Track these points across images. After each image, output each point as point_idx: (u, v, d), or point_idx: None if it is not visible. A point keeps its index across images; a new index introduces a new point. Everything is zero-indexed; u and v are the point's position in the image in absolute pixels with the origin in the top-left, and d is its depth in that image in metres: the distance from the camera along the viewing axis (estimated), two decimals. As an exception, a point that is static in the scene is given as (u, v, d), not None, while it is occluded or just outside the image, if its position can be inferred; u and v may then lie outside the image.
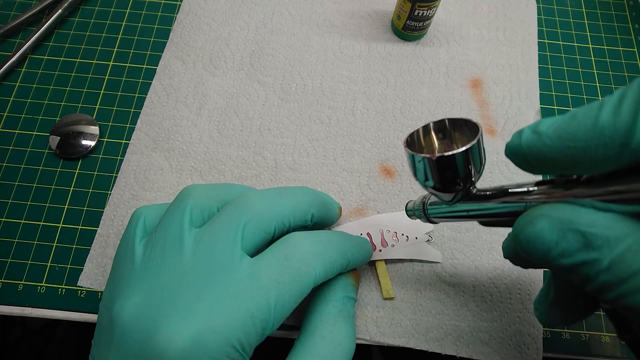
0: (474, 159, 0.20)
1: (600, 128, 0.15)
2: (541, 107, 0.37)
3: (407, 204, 0.27)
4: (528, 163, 0.18)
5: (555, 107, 0.37)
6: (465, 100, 0.37)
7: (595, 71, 0.39)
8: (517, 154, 0.18)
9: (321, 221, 0.28)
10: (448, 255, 0.31)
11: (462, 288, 0.31)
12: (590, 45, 0.40)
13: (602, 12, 0.42)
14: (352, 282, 0.27)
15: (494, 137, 0.35)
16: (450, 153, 0.19)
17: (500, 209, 0.21)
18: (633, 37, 0.40)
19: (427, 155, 0.20)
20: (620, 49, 0.40)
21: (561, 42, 0.40)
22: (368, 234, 0.30)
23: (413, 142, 0.23)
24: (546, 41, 0.40)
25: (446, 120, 0.22)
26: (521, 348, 0.29)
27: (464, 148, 0.19)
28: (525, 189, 0.20)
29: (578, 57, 0.40)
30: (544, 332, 0.30)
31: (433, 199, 0.25)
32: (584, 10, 0.42)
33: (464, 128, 0.22)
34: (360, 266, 0.30)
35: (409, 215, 0.27)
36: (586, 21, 0.41)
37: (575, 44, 0.40)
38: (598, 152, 0.15)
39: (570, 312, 0.21)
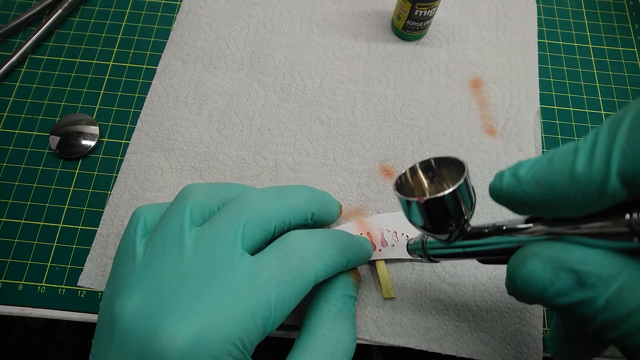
0: (463, 197, 0.20)
1: (577, 177, 0.15)
2: (541, 107, 0.37)
3: (407, 243, 0.27)
4: (510, 206, 0.18)
5: (555, 107, 0.37)
6: (465, 100, 0.37)
7: (595, 71, 0.39)
8: (499, 197, 0.18)
9: (321, 220, 0.28)
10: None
11: (462, 288, 0.31)
12: (590, 45, 0.40)
13: (602, 12, 0.42)
14: (352, 281, 0.27)
15: (494, 137, 0.35)
16: (438, 195, 0.19)
17: (494, 247, 0.21)
18: (633, 37, 0.40)
19: (415, 199, 0.20)
20: (620, 49, 0.40)
21: (561, 42, 0.40)
22: (368, 233, 0.30)
23: (402, 185, 0.23)
24: (546, 41, 0.40)
25: (432, 160, 0.22)
26: (521, 348, 0.29)
27: (451, 189, 0.19)
28: (516, 226, 0.19)
29: (578, 57, 0.40)
30: (544, 332, 0.30)
31: (431, 238, 0.25)
32: (584, 10, 0.42)
33: (451, 165, 0.22)
34: (360, 266, 0.30)
35: (409, 253, 0.27)
36: (586, 21, 0.41)
37: (575, 44, 0.40)
38: (577, 199, 0.15)
39: (584, 348, 0.20)
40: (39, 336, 0.72)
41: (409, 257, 0.31)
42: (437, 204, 0.19)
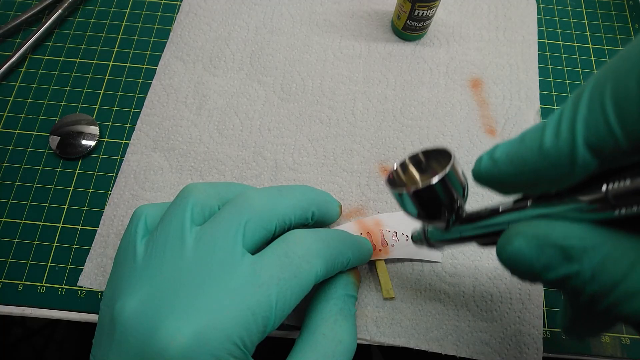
0: (453, 184, 0.20)
1: (546, 151, 0.16)
2: (541, 107, 0.37)
3: (412, 233, 0.28)
4: (491, 187, 0.19)
5: (555, 107, 0.37)
6: (465, 100, 0.37)
7: (595, 71, 0.39)
8: (480, 180, 0.19)
9: (322, 219, 0.28)
10: (448, 255, 0.31)
11: (462, 288, 0.31)
12: (590, 45, 0.40)
13: (602, 12, 0.42)
14: (352, 280, 0.27)
15: (494, 137, 0.35)
16: (425, 184, 0.20)
17: (486, 229, 0.21)
18: (633, 37, 0.40)
19: (404, 190, 0.20)
20: (620, 49, 0.40)
21: (561, 42, 0.40)
22: (368, 233, 0.30)
23: (394, 180, 0.23)
24: (546, 41, 0.40)
25: (420, 154, 0.23)
26: (521, 348, 0.29)
27: (438, 177, 0.19)
28: (505, 208, 0.20)
29: (578, 57, 0.40)
30: (544, 332, 0.30)
31: (431, 227, 0.25)
32: (584, 10, 0.42)
33: (440, 157, 0.22)
34: (361, 266, 0.30)
35: (414, 242, 0.28)
36: (586, 21, 0.41)
37: (575, 44, 0.40)
38: (550, 173, 0.16)
39: (592, 323, 0.20)
40: (39, 336, 0.72)
41: (409, 257, 0.31)
42: (427, 192, 0.20)
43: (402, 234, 0.31)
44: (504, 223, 0.20)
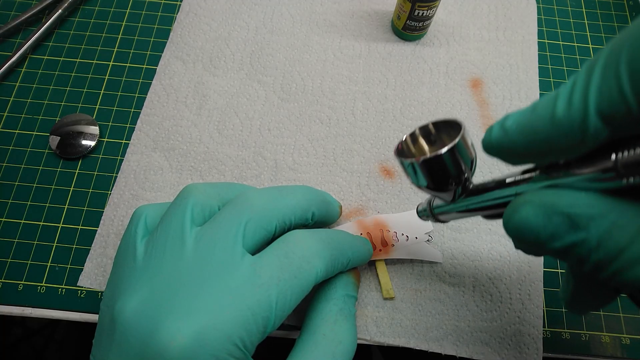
0: (462, 155, 0.20)
1: (558, 120, 0.15)
2: (541, 107, 0.37)
3: (417, 206, 0.28)
4: (501, 157, 0.19)
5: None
6: (465, 100, 0.37)
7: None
8: (490, 149, 0.19)
9: (322, 220, 0.28)
10: (448, 255, 0.31)
11: (462, 288, 0.31)
12: (590, 45, 0.40)
13: (602, 12, 0.42)
14: (352, 281, 0.27)
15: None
16: (434, 154, 0.20)
17: (493, 201, 0.21)
18: (633, 37, 0.40)
19: (414, 160, 0.20)
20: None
21: (561, 42, 0.40)
22: (368, 233, 0.30)
23: (403, 150, 0.23)
24: (546, 41, 0.40)
25: (430, 125, 0.23)
26: (521, 348, 0.29)
27: (447, 147, 0.19)
28: (513, 179, 0.20)
29: (578, 57, 0.40)
30: (544, 332, 0.30)
31: (437, 200, 0.25)
32: (584, 10, 0.42)
33: (449, 129, 0.22)
34: (361, 266, 0.30)
35: (419, 217, 0.27)
36: (586, 21, 0.41)
37: (575, 44, 0.40)
38: (561, 142, 0.16)
39: (594, 296, 0.21)
40: (39, 336, 0.72)
41: (409, 257, 0.31)
42: (436, 162, 0.20)
43: (402, 234, 0.31)
44: (511, 195, 0.20)
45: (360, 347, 0.26)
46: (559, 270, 0.32)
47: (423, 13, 0.35)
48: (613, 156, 0.15)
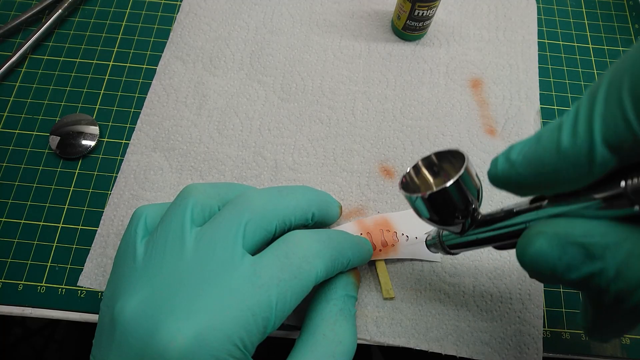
0: (468, 186, 0.20)
1: (564, 151, 0.15)
2: (541, 107, 0.37)
3: (426, 238, 0.28)
4: (509, 189, 0.18)
5: (555, 107, 0.37)
6: (465, 100, 0.37)
7: (595, 71, 0.39)
8: (497, 182, 0.18)
9: (322, 220, 0.28)
10: (448, 255, 0.31)
11: (462, 288, 0.31)
12: (590, 45, 0.40)
13: (602, 12, 0.42)
14: (352, 281, 0.27)
15: (494, 137, 0.35)
16: (439, 188, 0.19)
17: (504, 230, 0.21)
18: (633, 37, 0.40)
19: (419, 194, 0.20)
20: (620, 49, 0.40)
21: (561, 42, 0.40)
22: (368, 233, 0.30)
23: (408, 183, 0.23)
24: (546, 41, 0.40)
25: (432, 156, 0.23)
26: (521, 348, 0.29)
27: (452, 180, 0.19)
28: (522, 207, 0.20)
29: (578, 57, 0.40)
30: (544, 332, 0.30)
31: (446, 232, 0.25)
32: (584, 10, 0.42)
33: (452, 158, 0.22)
34: (361, 266, 0.30)
35: (428, 248, 0.27)
36: (586, 21, 0.41)
37: (575, 44, 0.40)
38: (569, 172, 0.16)
39: (615, 323, 0.20)
40: (39, 336, 0.72)
41: (409, 257, 0.31)
42: (442, 196, 0.20)
43: (402, 234, 0.31)
44: (521, 223, 0.20)
45: (360, 347, 0.26)
46: (559, 270, 0.32)
47: (423, 13, 0.35)
48: (622, 183, 0.15)
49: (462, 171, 0.19)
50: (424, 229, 0.31)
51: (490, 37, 0.39)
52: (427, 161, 0.23)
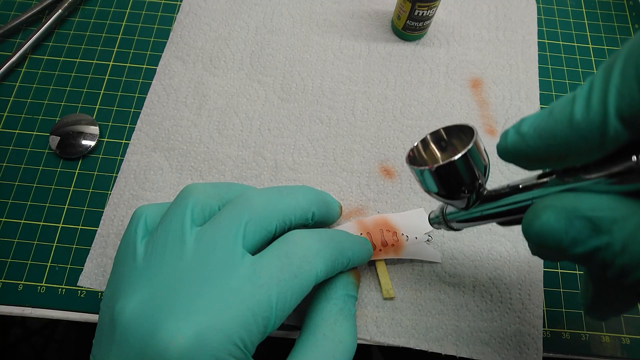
0: (475, 161, 0.20)
1: (577, 124, 0.15)
2: (541, 107, 0.37)
3: (429, 215, 0.27)
4: (518, 162, 0.18)
5: (555, 107, 0.37)
6: (465, 100, 0.37)
7: (595, 71, 0.39)
8: (506, 155, 0.18)
9: (322, 220, 0.28)
10: (448, 255, 0.31)
11: (462, 288, 0.31)
12: (590, 45, 0.40)
13: (602, 12, 0.42)
14: (353, 280, 0.27)
15: (494, 137, 0.35)
16: (447, 161, 0.19)
17: (509, 207, 0.21)
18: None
19: (426, 167, 0.20)
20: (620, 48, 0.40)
21: (561, 42, 0.40)
22: (368, 233, 0.30)
23: (415, 157, 0.23)
24: (546, 41, 0.40)
25: (441, 130, 0.23)
26: (521, 348, 0.29)
27: (460, 154, 0.19)
28: (529, 183, 0.20)
29: (578, 57, 0.40)
30: (544, 332, 0.30)
31: (450, 207, 0.25)
32: (584, 10, 0.42)
33: (461, 134, 0.22)
34: (361, 266, 0.30)
35: (431, 224, 0.27)
36: (586, 21, 0.41)
37: (575, 44, 0.40)
38: (580, 146, 0.15)
39: (616, 301, 0.20)
40: (39, 336, 0.72)
41: (409, 257, 0.31)
42: (449, 169, 0.19)
43: (402, 234, 0.31)
44: (527, 200, 0.19)
45: (360, 347, 0.26)
46: (559, 271, 0.32)
47: (423, 13, 0.35)
48: (634, 157, 0.15)
49: (470, 144, 0.19)
50: (424, 229, 0.31)
51: (490, 37, 0.39)
52: (435, 136, 0.23)
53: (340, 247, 0.25)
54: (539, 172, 0.19)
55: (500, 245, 0.32)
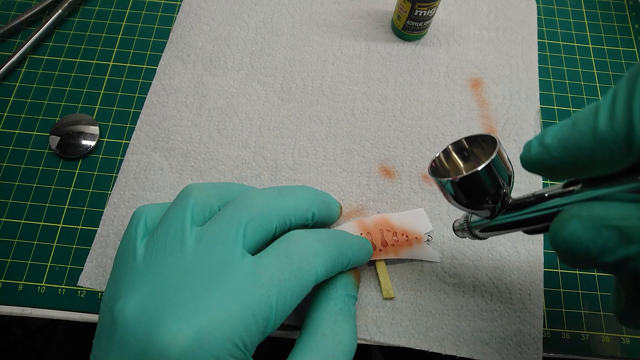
0: (499, 171, 0.20)
1: (601, 135, 0.15)
2: (541, 107, 0.37)
3: (453, 224, 0.27)
4: (542, 173, 0.18)
5: (555, 107, 0.37)
6: (465, 100, 0.37)
7: (595, 71, 0.39)
8: (530, 166, 0.18)
9: (322, 220, 0.28)
10: (448, 255, 0.31)
11: (462, 288, 0.31)
12: (590, 45, 0.40)
13: (602, 12, 0.42)
14: (353, 281, 0.27)
15: (494, 137, 0.35)
16: (471, 172, 0.19)
17: (534, 214, 0.20)
18: (633, 37, 0.40)
19: (450, 178, 0.20)
20: (620, 49, 0.40)
21: (561, 42, 0.40)
22: (368, 233, 0.30)
23: (437, 168, 0.23)
24: (546, 41, 0.40)
25: (463, 140, 0.22)
26: (521, 348, 0.29)
27: (484, 164, 0.19)
28: (555, 192, 0.20)
29: (578, 57, 0.40)
30: (544, 332, 0.30)
31: (475, 217, 0.25)
32: (584, 10, 0.42)
33: (483, 143, 0.22)
34: (361, 266, 0.30)
35: (455, 233, 0.27)
36: (586, 21, 0.41)
37: (575, 44, 0.40)
38: (605, 156, 0.15)
39: None
40: (39, 336, 0.71)
41: (409, 257, 0.31)
42: (473, 180, 0.19)
43: (402, 234, 0.31)
44: (554, 207, 0.19)
45: (360, 347, 0.26)
46: (559, 271, 0.32)
47: (423, 13, 0.35)
48: None
49: (494, 155, 0.19)
50: (424, 229, 0.31)
51: (490, 37, 0.39)
52: (457, 146, 0.23)
53: (340, 247, 0.25)
54: (565, 181, 0.19)
55: (500, 245, 0.32)
